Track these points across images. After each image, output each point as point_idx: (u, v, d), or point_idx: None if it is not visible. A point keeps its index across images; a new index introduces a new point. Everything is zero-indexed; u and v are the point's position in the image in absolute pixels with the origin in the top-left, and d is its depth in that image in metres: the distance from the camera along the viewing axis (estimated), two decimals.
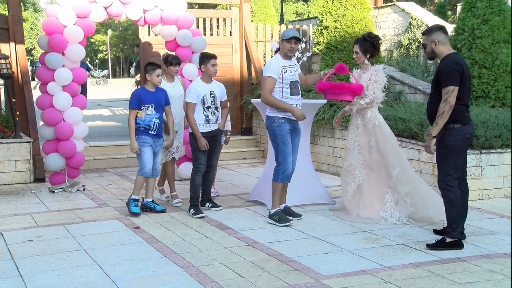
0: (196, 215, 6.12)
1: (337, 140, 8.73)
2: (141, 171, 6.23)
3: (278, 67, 5.67)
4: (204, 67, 6.23)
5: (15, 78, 8.83)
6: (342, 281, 4.20)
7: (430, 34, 4.99)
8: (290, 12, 38.15)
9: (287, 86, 5.70)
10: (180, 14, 7.98)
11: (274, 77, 5.64)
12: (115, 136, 11.27)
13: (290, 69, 5.75)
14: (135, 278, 4.30)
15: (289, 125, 5.77)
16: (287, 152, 5.74)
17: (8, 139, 7.88)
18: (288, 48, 5.70)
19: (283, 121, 5.73)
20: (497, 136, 6.92)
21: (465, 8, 8.08)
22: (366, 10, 9.69)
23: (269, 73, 5.66)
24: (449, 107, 4.77)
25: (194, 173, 6.30)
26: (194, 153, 6.30)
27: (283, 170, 5.74)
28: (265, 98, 5.70)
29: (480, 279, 4.23)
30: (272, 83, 5.65)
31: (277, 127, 5.74)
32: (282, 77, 5.67)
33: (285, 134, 5.74)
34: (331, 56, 9.51)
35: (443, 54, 4.95)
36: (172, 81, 6.71)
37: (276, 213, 5.78)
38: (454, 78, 4.78)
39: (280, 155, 5.75)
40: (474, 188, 6.83)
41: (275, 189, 5.81)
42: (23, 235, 5.47)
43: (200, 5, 15.73)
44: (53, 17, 7.38)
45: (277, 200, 5.83)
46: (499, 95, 7.83)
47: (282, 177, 5.75)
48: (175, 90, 6.68)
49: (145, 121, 6.14)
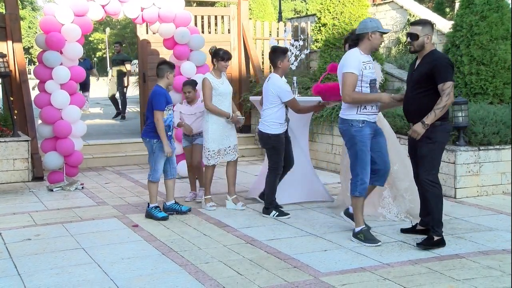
0: (283, 216, 5.91)
1: (335, 137, 8.73)
2: (153, 177, 5.96)
3: (359, 62, 4.96)
4: (281, 62, 5.91)
5: (13, 76, 8.81)
6: (341, 278, 4.21)
7: (425, 26, 4.89)
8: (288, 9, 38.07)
9: (366, 84, 5.01)
10: (177, 12, 7.97)
11: (356, 73, 4.93)
12: (114, 135, 11.27)
13: (369, 65, 5.04)
14: (133, 276, 4.30)
15: (370, 130, 5.04)
16: (366, 161, 5.02)
17: (6, 137, 7.86)
18: (380, 41, 5.05)
19: (364, 125, 5.00)
20: (496, 133, 6.92)
21: (463, 5, 8.07)
22: (364, 7, 9.69)
23: (350, 68, 4.93)
24: (450, 102, 4.77)
25: (275, 177, 5.99)
26: (274, 155, 5.95)
27: (361, 182, 5.02)
28: (350, 97, 4.94)
29: (478, 276, 4.23)
30: (354, 79, 4.93)
31: (357, 132, 5.00)
32: (362, 74, 4.97)
33: (365, 140, 5.01)
34: (329, 54, 9.51)
35: (429, 49, 4.90)
36: (220, 77, 6.29)
37: (361, 231, 5.06)
38: (451, 73, 4.78)
39: (358, 165, 5.02)
40: (473, 184, 6.84)
41: (356, 206, 5.09)
42: (21, 234, 5.46)
43: (198, 2, 15.73)
44: (50, 16, 7.37)
45: (361, 216, 5.10)
46: (497, 92, 7.83)
47: (360, 190, 5.03)
48: (224, 86, 6.26)
49: (166, 121, 5.90)
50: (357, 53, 5.01)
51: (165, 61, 6.30)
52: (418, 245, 4.88)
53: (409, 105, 5.00)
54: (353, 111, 5.02)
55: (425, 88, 4.84)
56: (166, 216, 5.96)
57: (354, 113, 5.01)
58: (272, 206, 6.00)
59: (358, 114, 5.00)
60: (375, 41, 5.01)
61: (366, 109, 5.01)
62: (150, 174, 5.99)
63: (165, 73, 6.00)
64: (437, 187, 4.91)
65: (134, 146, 10.02)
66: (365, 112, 5.01)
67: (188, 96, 6.69)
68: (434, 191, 4.90)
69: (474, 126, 6.86)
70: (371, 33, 4.98)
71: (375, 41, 5.01)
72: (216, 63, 6.24)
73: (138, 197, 7.11)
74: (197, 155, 6.67)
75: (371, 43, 5.01)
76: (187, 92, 6.69)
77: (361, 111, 5.00)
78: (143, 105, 10.69)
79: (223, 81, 6.29)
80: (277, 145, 5.95)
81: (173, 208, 6.14)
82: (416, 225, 5.33)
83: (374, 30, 4.97)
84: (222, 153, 6.27)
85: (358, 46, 5.06)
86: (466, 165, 6.79)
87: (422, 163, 4.93)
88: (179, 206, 6.17)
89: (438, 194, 4.91)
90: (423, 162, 4.91)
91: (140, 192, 7.41)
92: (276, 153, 5.97)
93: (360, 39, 5.05)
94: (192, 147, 6.73)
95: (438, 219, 4.91)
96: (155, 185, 6.02)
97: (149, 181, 6.03)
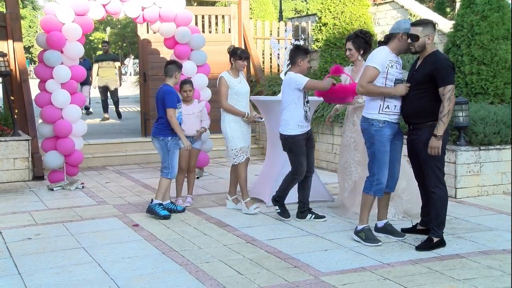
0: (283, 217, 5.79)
1: (336, 137, 8.73)
2: (170, 174, 6.01)
3: (385, 60, 4.92)
4: (302, 61, 5.74)
5: (13, 75, 8.82)
6: (341, 278, 4.20)
7: (426, 27, 4.82)
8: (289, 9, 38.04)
9: (391, 82, 4.94)
10: (178, 12, 7.97)
11: (378, 68, 4.88)
12: (114, 134, 11.27)
13: (396, 65, 5.00)
14: (134, 275, 4.29)
15: (390, 130, 4.96)
16: (384, 162, 4.97)
17: (6, 137, 7.86)
18: (408, 43, 4.92)
19: (384, 125, 4.93)
20: (496, 133, 6.92)
21: (464, 5, 8.06)
22: (365, 7, 9.69)
23: (373, 63, 4.90)
24: (452, 106, 4.73)
25: (293, 179, 5.72)
26: (295, 157, 5.67)
27: (377, 182, 4.98)
28: (363, 87, 4.92)
29: (479, 275, 4.23)
30: (374, 74, 4.88)
31: (377, 131, 4.94)
32: (387, 72, 4.92)
33: (385, 141, 4.95)
34: (330, 53, 9.51)
35: (430, 50, 4.84)
36: (238, 76, 6.23)
37: (363, 229, 5.06)
38: (452, 76, 4.74)
39: (375, 165, 4.98)
40: (473, 184, 6.84)
41: (365, 203, 5.08)
42: (22, 233, 5.46)
43: (199, 2, 15.73)
44: (51, 15, 7.37)
45: (366, 215, 5.09)
46: (498, 92, 7.82)
47: (375, 190, 5.00)
48: (242, 86, 6.20)
49: (177, 119, 6.01)
50: (386, 50, 4.98)
51: (174, 61, 6.40)
52: (417, 249, 4.84)
53: (407, 106, 4.95)
54: (375, 110, 4.96)
55: (425, 89, 4.80)
56: (169, 215, 5.95)
57: (376, 112, 4.95)
58: (277, 203, 5.82)
59: (380, 113, 4.94)
60: (404, 42, 4.95)
61: (388, 109, 4.94)
62: (166, 172, 6.00)
63: (173, 72, 6.08)
64: (442, 189, 4.86)
65: (135, 146, 10.03)
66: (387, 112, 4.94)
67: (189, 95, 6.62)
68: (440, 193, 4.85)
69: (474, 126, 6.86)
70: (402, 34, 4.94)
71: (404, 42, 4.95)
72: (233, 62, 6.19)
73: (139, 196, 7.12)
74: (193, 159, 6.69)
75: (401, 44, 4.97)
76: (188, 91, 6.62)
77: (383, 110, 4.94)
78: (143, 104, 10.69)
79: (240, 80, 6.23)
80: (293, 147, 5.66)
81: (169, 207, 6.14)
82: (417, 224, 5.32)
83: (406, 31, 4.93)
84: (245, 150, 6.19)
85: (388, 45, 5.03)
86: (467, 165, 6.79)
87: (425, 167, 4.89)
88: (174, 206, 6.20)
89: (443, 196, 4.87)
90: (429, 168, 4.86)
91: (140, 191, 7.41)
92: (295, 156, 5.67)
93: (391, 38, 5.02)
94: (190, 151, 6.51)
95: (442, 221, 4.88)
96: (169, 182, 6.05)
97: (163, 178, 6.02)
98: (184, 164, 6.58)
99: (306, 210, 5.84)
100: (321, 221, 5.77)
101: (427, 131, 4.79)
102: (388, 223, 5.27)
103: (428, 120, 4.81)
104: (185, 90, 6.62)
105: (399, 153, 5.16)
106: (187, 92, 6.62)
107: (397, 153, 5.12)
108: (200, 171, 8.36)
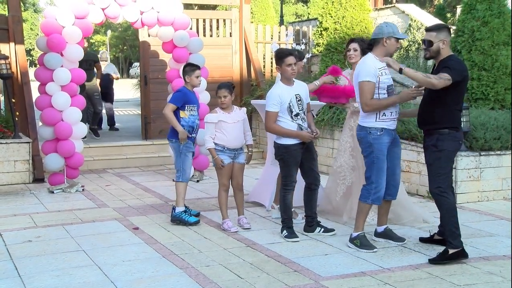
0: (290, 239, 5.26)
1: (336, 142, 8.72)
2: (183, 177, 5.87)
3: (375, 69, 4.82)
4: (280, 68, 5.29)
5: (15, 78, 8.82)
6: (341, 282, 4.20)
7: (440, 31, 4.69)
8: (290, 13, 38.11)
9: (384, 90, 4.86)
10: (176, 16, 7.99)
11: (372, 80, 4.81)
12: (115, 137, 11.26)
13: (385, 70, 4.90)
14: (134, 278, 4.29)
15: (388, 138, 4.90)
16: (383, 170, 4.89)
17: (7, 139, 7.87)
18: (396, 47, 4.93)
19: (382, 132, 4.86)
20: (497, 138, 6.92)
21: (465, 10, 8.09)
22: (366, 11, 9.71)
23: (366, 77, 4.80)
24: (435, 84, 4.53)
25: (284, 192, 5.36)
26: (285, 168, 5.34)
27: (375, 191, 4.90)
28: (369, 106, 4.81)
29: (479, 281, 4.23)
30: (372, 87, 4.80)
31: (375, 140, 4.86)
32: (379, 81, 4.83)
33: (383, 148, 4.88)
34: (330, 58, 9.52)
35: (445, 54, 4.73)
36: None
37: (358, 237, 4.99)
38: (458, 76, 4.58)
39: (374, 173, 4.89)
40: (473, 190, 6.84)
41: (361, 211, 4.99)
42: (22, 236, 5.46)
43: (200, 6, 15.73)
44: (51, 18, 7.38)
45: (362, 223, 5.00)
46: (498, 97, 7.84)
47: (374, 198, 4.92)
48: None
49: (189, 122, 5.86)
50: (371, 59, 4.88)
51: (187, 63, 6.25)
52: (430, 261, 4.63)
53: (422, 112, 4.88)
54: (371, 118, 4.88)
55: (438, 95, 4.66)
56: (198, 220, 5.83)
57: (373, 121, 4.88)
58: (284, 226, 5.40)
59: (377, 121, 4.87)
60: (390, 46, 4.89)
61: (385, 116, 4.88)
62: (178, 175, 5.90)
63: (184, 75, 5.98)
64: (445, 196, 4.72)
65: (135, 149, 10.03)
66: (384, 119, 4.88)
67: (224, 101, 5.64)
68: (443, 200, 4.72)
69: (475, 131, 6.87)
70: (386, 39, 4.86)
71: (390, 46, 4.89)
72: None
73: (139, 199, 7.11)
74: (239, 176, 5.78)
75: (386, 49, 4.89)
76: (223, 96, 5.64)
77: (380, 117, 4.87)
78: (144, 107, 10.70)
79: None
80: (285, 157, 5.30)
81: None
82: (434, 234, 5.17)
83: (390, 35, 4.85)
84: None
85: (373, 51, 4.93)
86: (467, 170, 6.79)
87: (428, 171, 4.84)
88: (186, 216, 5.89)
89: (448, 203, 4.72)
90: (429, 171, 4.82)
91: (140, 194, 7.40)
92: (285, 166, 5.35)
93: (375, 44, 4.92)
94: (233, 165, 5.73)
95: (451, 230, 4.70)
96: (184, 185, 5.91)
97: (178, 182, 5.91)
98: (226, 181, 5.75)
99: (315, 224, 5.51)
100: (330, 235, 5.42)
101: (436, 138, 4.72)
102: (388, 228, 5.24)
103: (440, 127, 4.71)
104: (219, 95, 5.67)
105: (399, 159, 5.12)
106: (221, 98, 5.65)
107: (396, 159, 5.08)
108: (200, 174, 8.36)
